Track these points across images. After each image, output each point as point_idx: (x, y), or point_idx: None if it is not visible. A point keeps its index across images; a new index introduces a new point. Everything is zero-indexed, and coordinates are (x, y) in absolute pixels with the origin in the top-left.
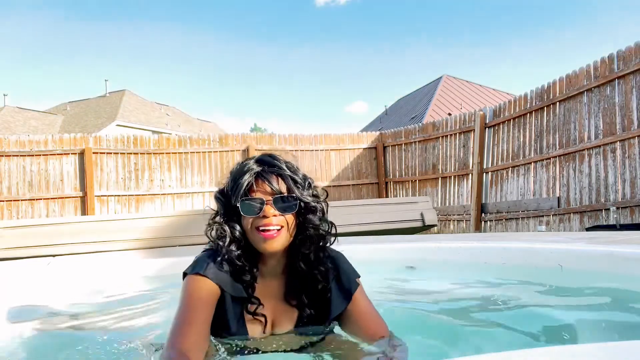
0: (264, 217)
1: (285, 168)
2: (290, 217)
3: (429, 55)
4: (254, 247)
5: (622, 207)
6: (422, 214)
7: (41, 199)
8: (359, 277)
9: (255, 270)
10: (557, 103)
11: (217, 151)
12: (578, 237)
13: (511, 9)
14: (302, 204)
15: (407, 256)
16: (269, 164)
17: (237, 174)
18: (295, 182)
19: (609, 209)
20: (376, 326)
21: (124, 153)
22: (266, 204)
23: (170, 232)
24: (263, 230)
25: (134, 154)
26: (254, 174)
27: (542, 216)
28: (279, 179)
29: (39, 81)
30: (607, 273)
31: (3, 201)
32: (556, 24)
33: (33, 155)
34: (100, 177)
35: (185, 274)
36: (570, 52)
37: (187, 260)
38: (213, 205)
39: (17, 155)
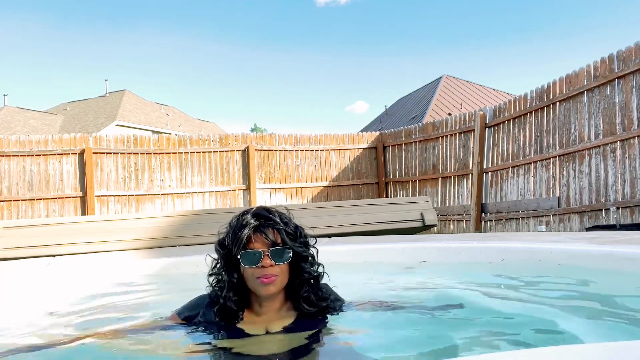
0: (263, 267)
1: (279, 221)
2: (284, 265)
3: (429, 55)
4: (252, 291)
5: (622, 207)
6: (422, 214)
7: (41, 199)
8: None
9: (242, 314)
10: (557, 103)
11: (217, 151)
12: (578, 237)
13: (511, 9)
14: (295, 253)
15: (407, 256)
16: (265, 218)
17: (236, 228)
18: (288, 234)
19: (609, 209)
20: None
21: (124, 153)
22: (264, 255)
23: (170, 232)
24: (261, 277)
25: (134, 154)
26: (252, 228)
27: (542, 216)
28: (275, 232)
29: (39, 81)
30: (607, 273)
31: (3, 201)
32: (556, 24)
33: (33, 155)
34: (100, 177)
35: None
36: (570, 52)
37: (187, 261)
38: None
39: (17, 155)
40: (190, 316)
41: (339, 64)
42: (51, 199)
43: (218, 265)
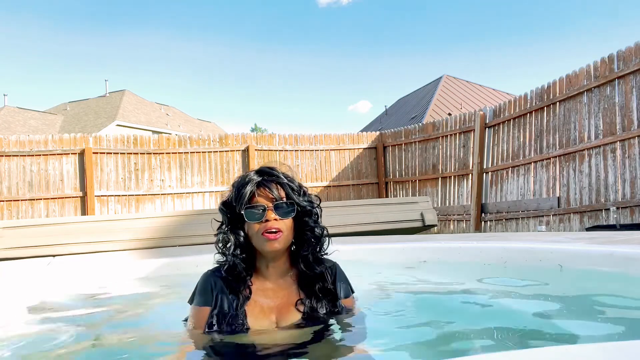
0: (267, 221)
1: (282, 177)
2: (289, 221)
3: (430, 55)
4: (259, 250)
5: (622, 207)
6: (422, 214)
7: (41, 199)
8: (354, 292)
9: (251, 273)
10: (557, 103)
11: (217, 151)
12: (578, 237)
13: (511, 9)
14: (299, 208)
15: (407, 256)
16: (268, 174)
17: (239, 185)
18: (292, 189)
19: (609, 209)
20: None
21: (124, 153)
22: (268, 209)
23: (170, 232)
24: (266, 233)
25: (134, 154)
26: (255, 183)
27: (542, 216)
28: (278, 186)
29: (39, 81)
30: (607, 273)
31: (3, 201)
32: (556, 24)
33: (33, 155)
34: (100, 177)
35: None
36: (570, 52)
37: (186, 260)
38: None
39: (17, 155)
40: (207, 299)
41: (341, 63)
42: (51, 199)
43: (223, 227)
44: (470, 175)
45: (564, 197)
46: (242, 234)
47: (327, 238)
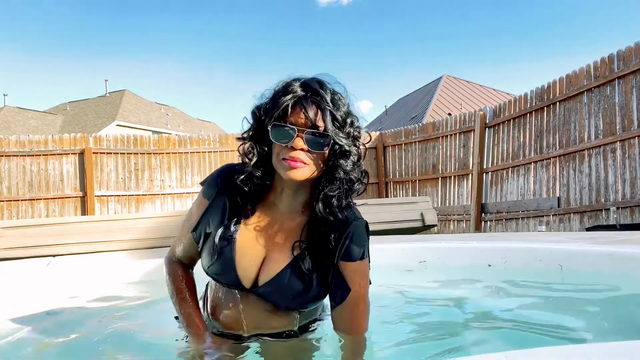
0: (292, 148)
1: (328, 101)
2: (319, 156)
3: (430, 55)
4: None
5: (622, 207)
6: (422, 214)
7: (41, 199)
8: (369, 260)
9: (266, 190)
10: (557, 103)
11: (217, 151)
12: (578, 237)
13: (511, 9)
14: (336, 146)
15: (407, 256)
16: (313, 92)
17: (278, 92)
18: (334, 118)
19: (609, 209)
20: (358, 317)
21: (124, 153)
22: (297, 135)
23: (170, 232)
24: (287, 159)
25: (134, 154)
26: (294, 98)
27: (542, 216)
28: (319, 111)
29: (39, 81)
30: (607, 273)
31: (3, 201)
32: (556, 24)
33: (33, 155)
34: (100, 177)
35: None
36: (570, 52)
37: None
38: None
39: (17, 155)
40: (210, 193)
41: (341, 63)
42: (51, 199)
43: (251, 133)
44: (470, 175)
45: (564, 197)
46: (266, 148)
47: (365, 185)
